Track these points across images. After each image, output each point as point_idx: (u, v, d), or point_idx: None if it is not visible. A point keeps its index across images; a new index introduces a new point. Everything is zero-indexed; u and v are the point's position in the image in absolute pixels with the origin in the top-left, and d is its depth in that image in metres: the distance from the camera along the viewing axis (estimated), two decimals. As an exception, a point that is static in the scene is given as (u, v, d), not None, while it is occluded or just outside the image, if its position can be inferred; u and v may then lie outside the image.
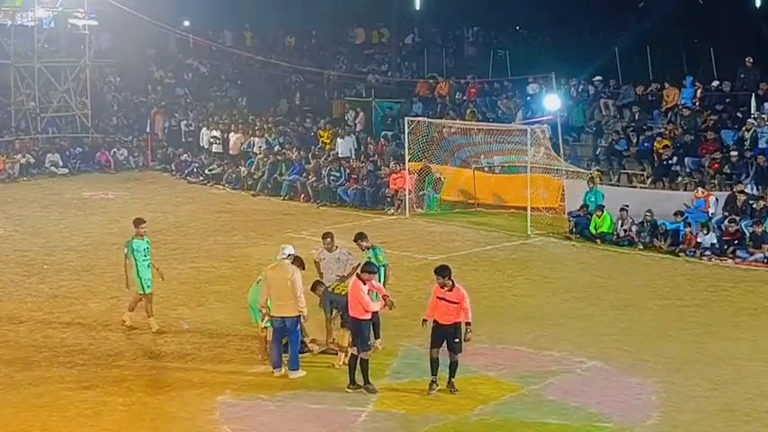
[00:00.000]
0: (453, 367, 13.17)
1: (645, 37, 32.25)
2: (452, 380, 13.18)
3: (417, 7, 43.08)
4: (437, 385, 13.11)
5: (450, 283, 13.00)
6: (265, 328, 14.13)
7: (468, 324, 13.01)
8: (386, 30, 42.02)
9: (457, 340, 13.03)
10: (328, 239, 15.13)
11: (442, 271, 13.05)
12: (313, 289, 14.31)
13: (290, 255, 14.05)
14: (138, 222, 16.22)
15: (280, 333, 13.75)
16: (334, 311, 14.45)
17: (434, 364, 13.13)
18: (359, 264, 14.86)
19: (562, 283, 19.47)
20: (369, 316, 13.26)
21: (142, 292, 15.92)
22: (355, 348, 13.29)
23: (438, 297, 13.10)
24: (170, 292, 18.25)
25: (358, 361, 13.20)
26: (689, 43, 33.31)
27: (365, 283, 13.26)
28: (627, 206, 23.06)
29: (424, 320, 13.36)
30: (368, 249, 15.06)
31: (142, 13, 35.14)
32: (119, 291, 18.41)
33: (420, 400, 12.91)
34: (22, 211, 27.15)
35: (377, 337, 14.60)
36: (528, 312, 17.19)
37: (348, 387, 13.24)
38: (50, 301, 17.77)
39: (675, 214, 22.25)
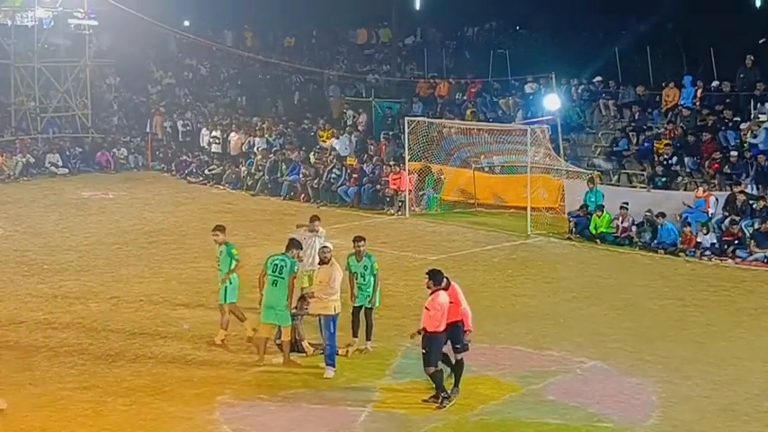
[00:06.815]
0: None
1: (645, 37, 32.20)
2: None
3: (418, 7, 43.05)
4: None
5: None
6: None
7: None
8: (386, 30, 41.98)
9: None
10: (316, 222, 15.61)
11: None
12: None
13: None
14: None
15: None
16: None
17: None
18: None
19: (562, 283, 19.46)
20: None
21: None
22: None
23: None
24: (170, 292, 18.29)
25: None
26: (689, 43, 33.23)
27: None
28: (626, 203, 23.09)
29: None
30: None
31: (142, 13, 35.11)
32: (118, 291, 18.49)
33: (420, 399, 12.88)
34: (22, 211, 27.13)
35: (367, 339, 14.73)
36: (528, 312, 17.19)
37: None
38: (50, 301, 17.75)
39: (657, 216, 22.27)
